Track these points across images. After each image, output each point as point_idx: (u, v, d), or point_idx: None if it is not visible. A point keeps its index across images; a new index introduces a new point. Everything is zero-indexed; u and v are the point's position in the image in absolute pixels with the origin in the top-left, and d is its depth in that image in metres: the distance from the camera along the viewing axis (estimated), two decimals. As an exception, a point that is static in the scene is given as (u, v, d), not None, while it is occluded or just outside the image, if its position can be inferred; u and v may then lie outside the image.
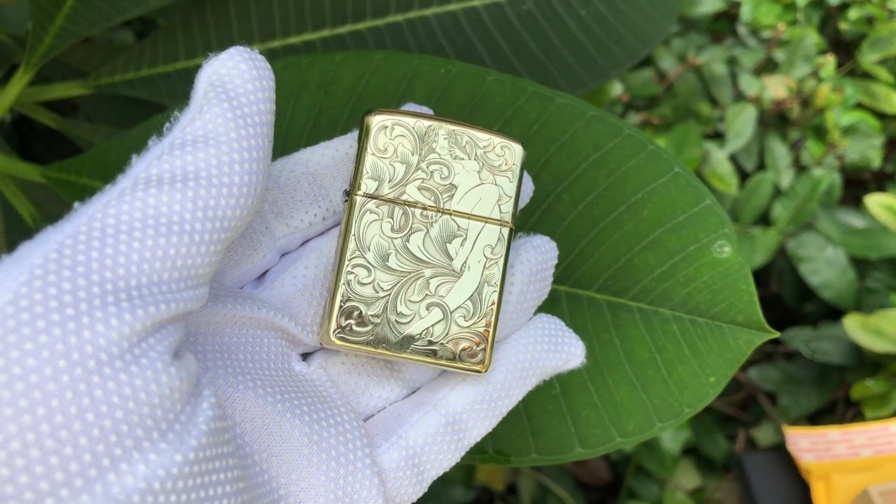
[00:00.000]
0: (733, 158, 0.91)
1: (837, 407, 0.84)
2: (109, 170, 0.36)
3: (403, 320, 0.21)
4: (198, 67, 0.42)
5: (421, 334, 0.21)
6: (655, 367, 0.26)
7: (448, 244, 0.21)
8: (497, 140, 0.21)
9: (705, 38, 0.98)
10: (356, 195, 0.21)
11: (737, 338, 0.25)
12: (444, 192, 0.21)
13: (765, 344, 0.90)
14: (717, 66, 0.92)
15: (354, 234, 0.20)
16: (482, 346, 0.21)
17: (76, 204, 0.16)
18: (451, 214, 0.21)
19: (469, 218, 0.21)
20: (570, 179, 0.27)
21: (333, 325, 0.20)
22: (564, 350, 0.23)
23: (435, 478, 0.21)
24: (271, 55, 0.40)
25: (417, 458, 0.21)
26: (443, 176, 0.21)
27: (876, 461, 0.68)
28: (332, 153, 0.22)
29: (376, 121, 0.21)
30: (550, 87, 0.28)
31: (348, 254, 0.20)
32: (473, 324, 0.21)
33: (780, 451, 0.77)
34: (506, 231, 0.21)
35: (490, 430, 0.22)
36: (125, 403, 0.14)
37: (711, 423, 0.87)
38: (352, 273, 0.20)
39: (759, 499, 0.73)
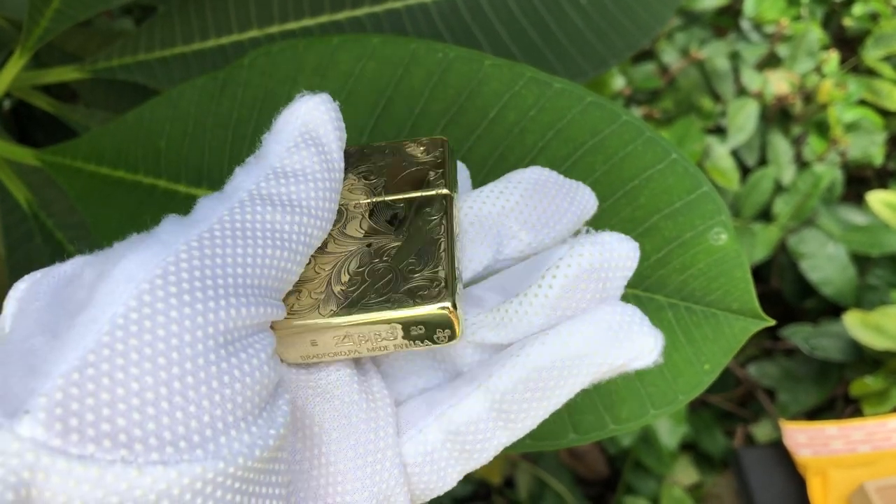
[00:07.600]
0: (735, 153, 0.91)
1: (836, 404, 0.83)
2: (104, 154, 0.36)
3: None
4: (195, 53, 0.42)
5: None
6: (650, 354, 0.25)
7: None
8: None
9: (708, 32, 0.97)
10: (453, 193, 0.22)
11: (732, 325, 0.25)
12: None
13: (764, 340, 0.90)
14: (720, 61, 0.91)
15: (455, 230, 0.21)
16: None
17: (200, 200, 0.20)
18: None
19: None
20: (567, 165, 0.27)
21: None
22: (631, 345, 0.20)
23: (479, 465, 0.21)
24: (269, 41, 0.40)
25: (461, 436, 0.20)
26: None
27: (873, 457, 0.68)
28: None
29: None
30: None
31: (458, 251, 0.21)
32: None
33: (777, 446, 0.76)
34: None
35: (535, 424, 0.20)
36: (244, 378, 0.16)
37: (710, 418, 0.87)
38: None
39: (756, 494, 0.73)
